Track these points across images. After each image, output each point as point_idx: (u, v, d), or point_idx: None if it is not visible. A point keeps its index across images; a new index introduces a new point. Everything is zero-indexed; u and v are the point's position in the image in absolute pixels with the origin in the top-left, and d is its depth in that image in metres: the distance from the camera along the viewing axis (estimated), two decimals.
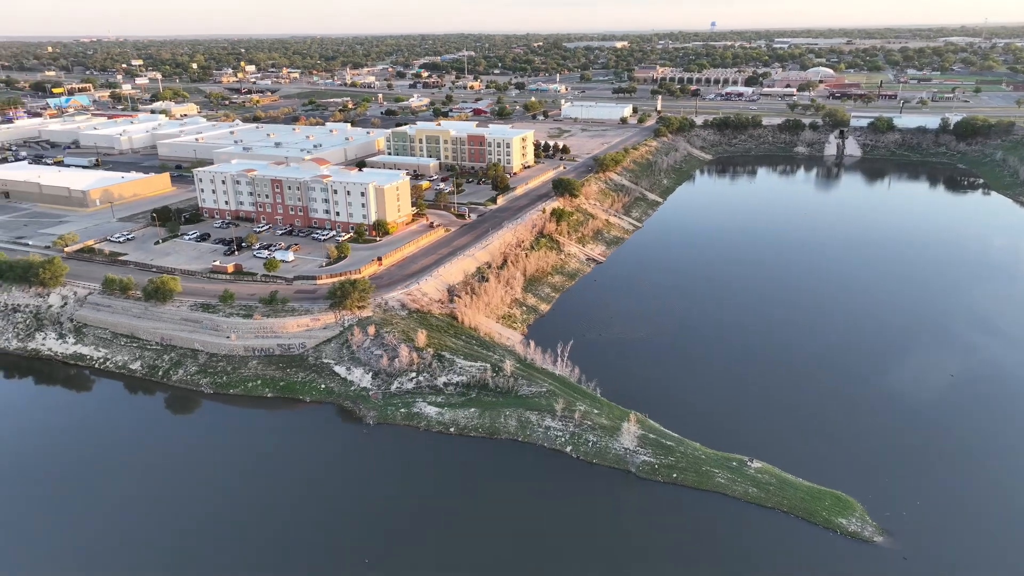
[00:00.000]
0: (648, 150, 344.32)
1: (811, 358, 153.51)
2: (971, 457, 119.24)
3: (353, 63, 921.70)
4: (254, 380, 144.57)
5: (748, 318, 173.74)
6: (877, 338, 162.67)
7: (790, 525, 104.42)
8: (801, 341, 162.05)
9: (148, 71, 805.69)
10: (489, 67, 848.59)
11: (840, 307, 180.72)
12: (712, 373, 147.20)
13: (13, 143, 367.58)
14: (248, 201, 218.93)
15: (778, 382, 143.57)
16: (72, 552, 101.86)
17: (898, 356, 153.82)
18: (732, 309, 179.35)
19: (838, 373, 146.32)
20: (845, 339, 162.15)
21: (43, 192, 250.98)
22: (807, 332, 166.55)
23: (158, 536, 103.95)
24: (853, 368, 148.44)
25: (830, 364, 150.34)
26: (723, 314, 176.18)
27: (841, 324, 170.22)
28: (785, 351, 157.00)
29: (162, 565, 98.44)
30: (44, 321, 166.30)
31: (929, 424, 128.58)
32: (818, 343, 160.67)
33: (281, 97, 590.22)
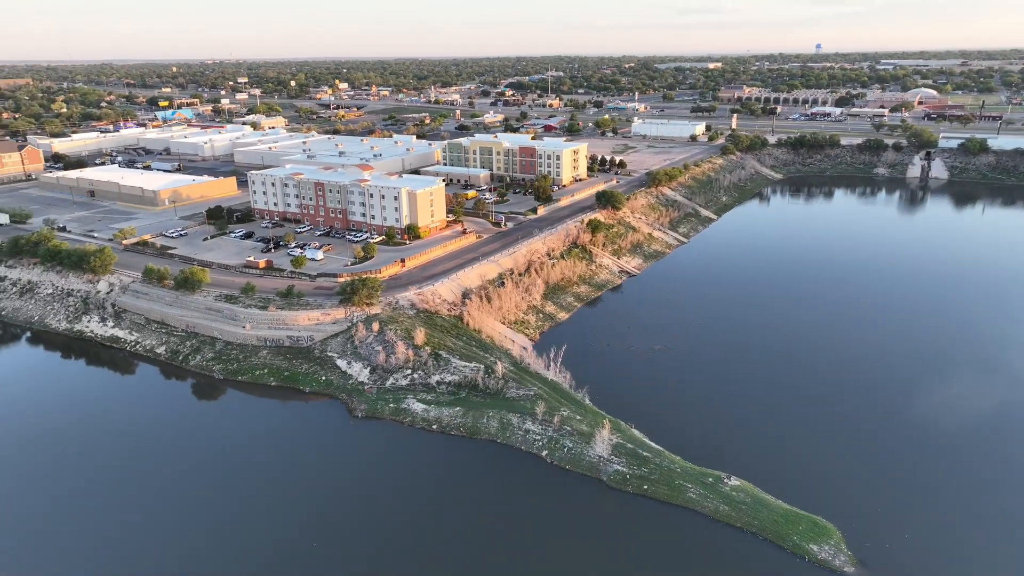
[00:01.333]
0: (711, 167, 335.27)
1: (823, 386, 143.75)
2: (976, 495, 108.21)
3: (443, 82, 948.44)
4: (261, 369, 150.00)
5: (768, 341, 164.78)
6: (901, 370, 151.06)
7: (756, 547, 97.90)
8: (818, 368, 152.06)
9: (251, 88, 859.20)
10: (574, 87, 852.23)
11: (879, 340, 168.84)
12: (713, 392, 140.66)
13: (115, 149, 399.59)
14: (294, 203, 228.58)
15: (781, 406, 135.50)
16: (63, 500, 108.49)
17: (920, 388, 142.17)
18: (753, 332, 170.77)
19: (849, 401, 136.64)
20: (867, 370, 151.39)
21: (122, 191, 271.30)
22: (826, 360, 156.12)
23: (135, 498, 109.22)
24: (868, 396, 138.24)
25: (844, 392, 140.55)
26: (742, 336, 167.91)
27: (869, 357, 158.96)
28: (797, 377, 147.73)
29: (132, 523, 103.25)
30: (91, 305, 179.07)
31: (937, 457, 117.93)
32: (837, 373, 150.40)
33: (366, 113, 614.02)
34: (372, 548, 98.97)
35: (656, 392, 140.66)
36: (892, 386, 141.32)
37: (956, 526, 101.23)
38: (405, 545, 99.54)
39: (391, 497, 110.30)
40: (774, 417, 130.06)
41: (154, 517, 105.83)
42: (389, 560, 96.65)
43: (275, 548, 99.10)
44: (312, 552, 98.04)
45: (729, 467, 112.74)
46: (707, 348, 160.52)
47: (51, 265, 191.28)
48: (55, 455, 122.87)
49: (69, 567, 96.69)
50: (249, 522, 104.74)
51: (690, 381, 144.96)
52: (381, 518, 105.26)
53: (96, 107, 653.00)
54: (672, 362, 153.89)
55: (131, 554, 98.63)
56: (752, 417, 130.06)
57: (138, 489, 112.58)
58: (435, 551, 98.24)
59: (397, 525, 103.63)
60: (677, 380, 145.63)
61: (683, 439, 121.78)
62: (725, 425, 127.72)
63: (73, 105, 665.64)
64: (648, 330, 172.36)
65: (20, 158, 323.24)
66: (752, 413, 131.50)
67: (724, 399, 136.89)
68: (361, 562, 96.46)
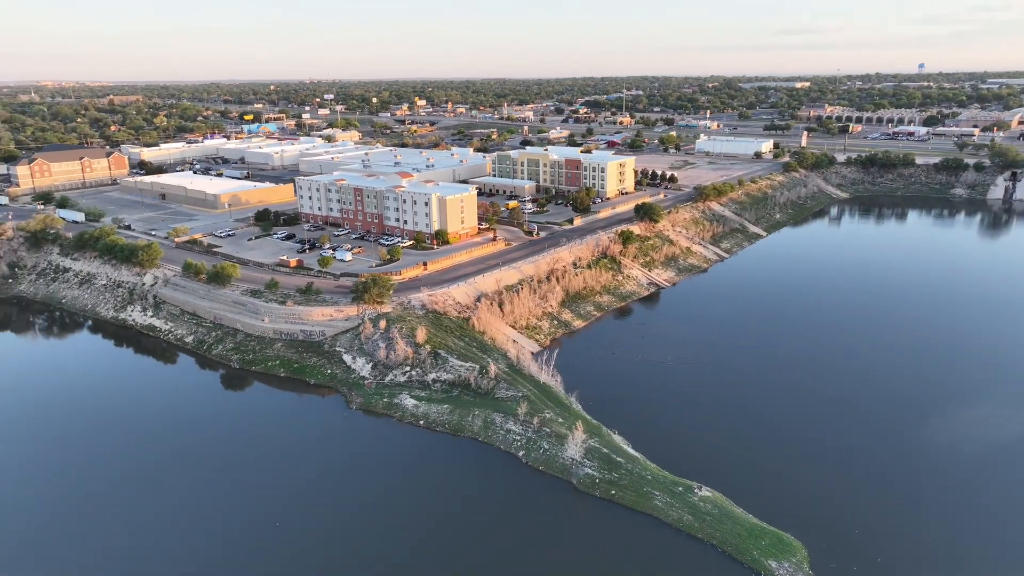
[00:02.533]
0: (768, 184, 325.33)
1: (827, 410, 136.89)
2: (961, 527, 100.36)
3: (520, 100, 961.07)
4: (273, 360, 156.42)
5: (784, 362, 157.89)
6: (924, 401, 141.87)
7: (714, 560, 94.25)
8: (829, 393, 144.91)
9: (335, 105, 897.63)
10: (650, 105, 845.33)
11: (909, 370, 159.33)
12: (710, 407, 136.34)
13: (196, 158, 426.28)
14: (336, 208, 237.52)
15: (778, 425, 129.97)
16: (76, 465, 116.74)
17: (935, 418, 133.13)
18: (771, 351, 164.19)
19: (852, 428, 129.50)
20: (881, 397, 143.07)
21: (188, 195, 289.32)
22: (841, 387, 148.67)
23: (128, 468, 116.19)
24: (873, 424, 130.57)
25: (847, 419, 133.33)
26: (756, 355, 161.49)
27: (893, 385, 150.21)
28: (802, 400, 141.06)
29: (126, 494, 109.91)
30: (135, 296, 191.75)
31: (927, 486, 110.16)
32: (850, 400, 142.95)
33: (438, 128, 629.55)
34: (331, 533, 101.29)
35: (651, 402, 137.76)
36: (904, 414, 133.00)
37: (933, 554, 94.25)
38: (364, 533, 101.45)
39: (364, 487, 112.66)
40: (767, 435, 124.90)
41: (147, 482, 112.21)
42: (344, 544, 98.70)
43: (244, 521, 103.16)
44: (275, 531, 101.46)
45: (709, 479, 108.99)
46: (717, 364, 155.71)
47: (108, 258, 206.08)
48: (74, 429, 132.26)
49: (82, 520, 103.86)
50: (226, 497, 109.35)
51: (689, 394, 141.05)
52: (348, 506, 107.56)
53: (192, 121, 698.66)
54: (677, 375, 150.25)
55: (122, 510, 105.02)
56: (744, 434, 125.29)
57: (139, 460, 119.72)
58: (392, 541, 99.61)
59: (362, 514, 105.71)
60: (676, 392, 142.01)
61: (666, 448, 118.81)
62: (713, 439, 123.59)
63: (173, 119, 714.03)
64: (661, 342, 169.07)
65: (107, 164, 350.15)
66: (745, 430, 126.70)
67: (719, 414, 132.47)
68: (314, 543, 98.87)
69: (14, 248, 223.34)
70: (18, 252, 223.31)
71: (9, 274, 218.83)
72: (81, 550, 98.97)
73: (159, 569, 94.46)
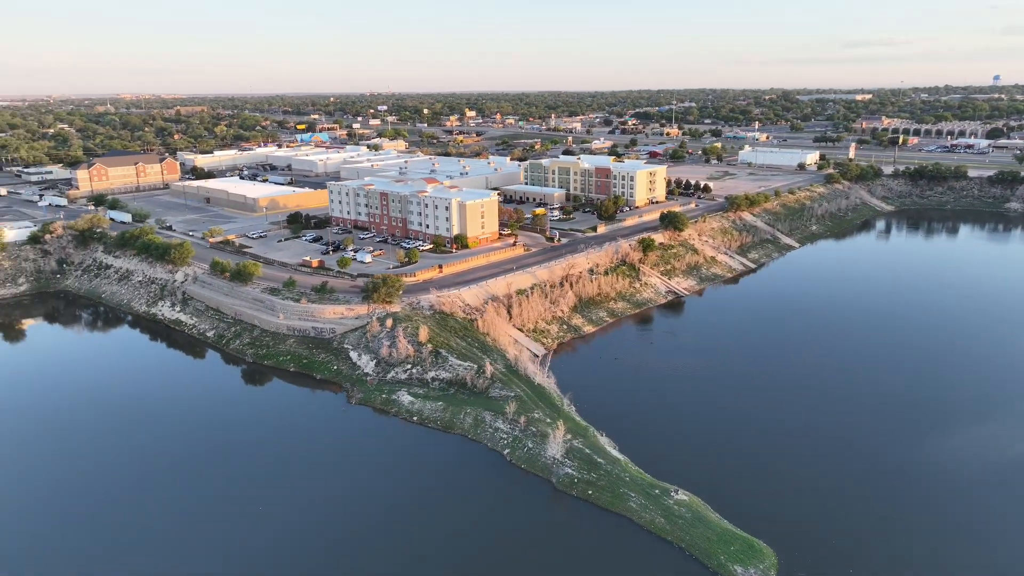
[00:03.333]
0: (807, 195, 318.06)
1: (821, 427, 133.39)
2: (941, 544, 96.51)
3: (571, 112, 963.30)
4: (285, 355, 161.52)
5: (787, 375, 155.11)
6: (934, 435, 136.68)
7: (680, 563, 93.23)
8: (831, 410, 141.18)
9: (388, 116, 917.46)
10: (701, 117, 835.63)
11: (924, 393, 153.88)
12: (704, 414, 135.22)
13: (246, 165, 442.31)
14: (364, 212, 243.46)
15: (771, 437, 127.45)
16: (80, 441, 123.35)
17: (932, 440, 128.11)
18: (776, 365, 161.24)
19: (847, 445, 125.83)
20: (885, 418, 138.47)
21: (229, 199, 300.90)
22: (849, 405, 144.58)
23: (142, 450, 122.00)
24: (871, 441, 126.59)
25: (845, 440, 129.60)
26: (762, 368, 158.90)
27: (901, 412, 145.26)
28: (801, 414, 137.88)
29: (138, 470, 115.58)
30: (166, 292, 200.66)
31: (918, 505, 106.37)
32: (852, 418, 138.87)
33: (484, 138, 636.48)
34: (305, 523, 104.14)
35: (646, 407, 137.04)
36: (907, 435, 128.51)
37: (908, 571, 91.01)
38: (340, 523, 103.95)
39: (349, 478, 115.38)
40: (759, 446, 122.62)
41: (148, 460, 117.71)
42: (318, 535, 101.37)
43: (228, 504, 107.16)
44: (257, 513, 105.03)
45: (691, 484, 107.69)
46: (720, 373, 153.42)
47: (144, 256, 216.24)
48: (92, 414, 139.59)
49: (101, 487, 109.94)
50: (215, 481, 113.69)
51: (685, 401, 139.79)
52: (328, 496, 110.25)
53: (251, 130, 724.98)
54: (677, 382, 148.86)
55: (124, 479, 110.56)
56: (735, 444, 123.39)
57: (142, 443, 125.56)
58: (366, 533, 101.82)
59: (340, 505, 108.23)
60: (672, 399, 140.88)
61: (653, 453, 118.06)
62: (702, 446, 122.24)
63: (232, 128, 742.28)
64: (668, 349, 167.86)
65: (160, 169, 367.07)
66: (737, 440, 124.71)
67: (713, 422, 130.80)
68: (287, 531, 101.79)
69: (63, 245, 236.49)
70: (66, 249, 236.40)
71: (57, 270, 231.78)
72: (94, 507, 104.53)
73: (137, 535, 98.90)
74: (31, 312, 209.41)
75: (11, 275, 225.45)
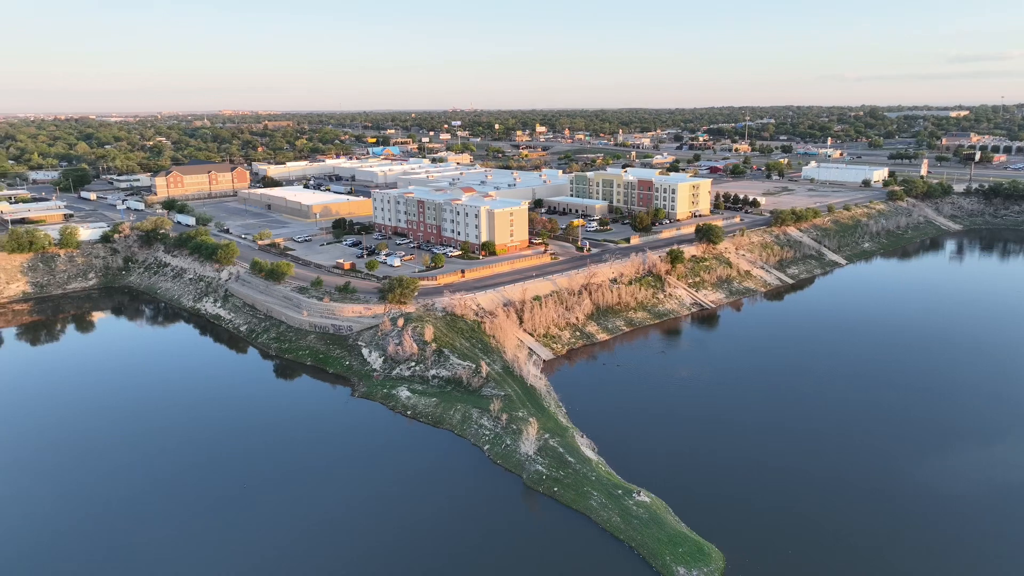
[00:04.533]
0: (864, 212, 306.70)
1: (809, 449, 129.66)
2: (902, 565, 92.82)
3: (643, 128, 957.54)
4: (304, 350, 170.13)
5: (791, 392, 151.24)
6: None
7: (624, 561, 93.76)
8: (821, 427, 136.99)
9: (461, 131, 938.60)
10: (777, 133, 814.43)
11: None
12: (693, 423, 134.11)
13: (314, 175, 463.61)
14: (403, 219, 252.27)
15: (754, 452, 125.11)
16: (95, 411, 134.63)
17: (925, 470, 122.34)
18: (783, 381, 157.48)
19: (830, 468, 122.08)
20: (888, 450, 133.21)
21: (287, 205, 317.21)
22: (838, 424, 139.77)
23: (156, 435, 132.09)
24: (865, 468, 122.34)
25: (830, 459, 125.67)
26: (766, 383, 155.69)
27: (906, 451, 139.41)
28: (795, 429, 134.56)
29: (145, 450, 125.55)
30: (210, 289, 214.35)
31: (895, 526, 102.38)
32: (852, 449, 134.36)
33: (550, 153, 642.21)
34: (281, 503, 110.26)
35: (636, 412, 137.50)
36: (900, 473, 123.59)
37: None
38: (314, 501, 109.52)
39: (332, 465, 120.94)
40: (738, 457, 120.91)
41: (161, 435, 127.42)
42: (293, 516, 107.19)
43: (216, 474, 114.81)
44: (242, 491, 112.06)
45: (661, 487, 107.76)
46: (721, 385, 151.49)
47: (196, 256, 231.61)
48: (124, 396, 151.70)
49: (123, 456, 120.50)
50: (210, 461, 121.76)
51: (677, 410, 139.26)
52: (309, 481, 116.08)
53: (330, 144, 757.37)
54: (673, 390, 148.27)
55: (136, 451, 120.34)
56: (715, 452, 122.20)
57: (157, 422, 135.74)
58: (336, 516, 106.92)
59: (319, 490, 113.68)
60: (665, 406, 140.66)
61: (631, 456, 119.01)
62: (682, 452, 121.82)
63: (312, 142, 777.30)
64: (677, 359, 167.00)
65: (231, 177, 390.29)
66: (721, 451, 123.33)
67: (700, 432, 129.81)
68: (266, 509, 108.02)
69: (129, 245, 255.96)
70: (132, 248, 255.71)
71: (123, 267, 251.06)
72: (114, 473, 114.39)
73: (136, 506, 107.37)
74: (98, 305, 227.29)
75: (83, 270, 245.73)
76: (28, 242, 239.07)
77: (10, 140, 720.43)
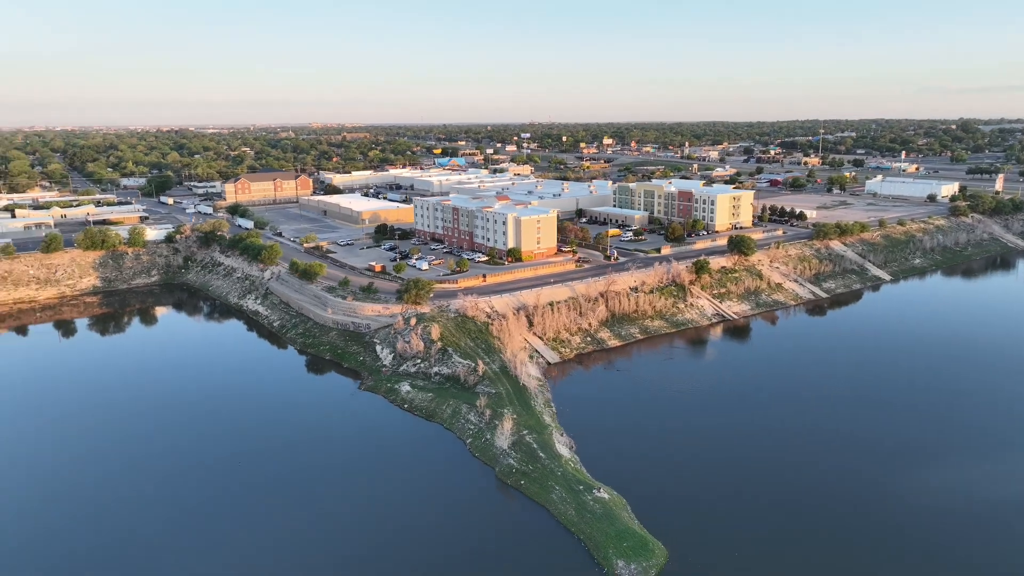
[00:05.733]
0: (920, 227, 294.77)
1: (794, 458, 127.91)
2: None
3: (715, 140, 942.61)
4: (325, 345, 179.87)
5: (790, 411, 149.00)
6: None
7: (569, 552, 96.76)
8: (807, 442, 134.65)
9: (529, 143, 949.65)
10: (855, 147, 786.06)
11: None
12: (678, 430, 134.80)
13: (376, 184, 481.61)
14: (441, 225, 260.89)
15: (732, 458, 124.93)
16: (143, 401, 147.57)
17: None
18: (785, 398, 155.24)
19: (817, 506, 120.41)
20: None
21: (340, 211, 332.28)
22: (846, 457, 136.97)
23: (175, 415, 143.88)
24: None
25: None
26: (767, 398, 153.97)
27: None
28: (780, 441, 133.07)
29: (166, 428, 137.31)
30: (253, 287, 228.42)
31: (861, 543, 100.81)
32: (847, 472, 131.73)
33: (613, 165, 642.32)
34: (268, 475, 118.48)
35: (621, 414, 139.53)
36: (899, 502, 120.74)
37: None
38: (298, 483, 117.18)
39: (327, 447, 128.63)
40: (714, 463, 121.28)
41: (176, 418, 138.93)
42: (276, 491, 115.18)
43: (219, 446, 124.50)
44: (235, 468, 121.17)
45: (625, 486, 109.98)
46: (720, 396, 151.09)
47: (245, 256, 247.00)
48: (163, 379, 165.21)
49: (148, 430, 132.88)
50: (216, 435, 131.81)
51: (664, 414, 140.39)
52: (300, 461, 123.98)
53: (401, 155, 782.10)
54: (669, 398, 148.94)
55: None
56: (691, 458, 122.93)
57: (179, 405, 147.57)
58: (313, 496, 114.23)
59: (307, 469, 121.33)
60: (654, 410, 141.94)
61: (607, 455, 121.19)
62: (659, 455, 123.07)
63: (385, 153, 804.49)
64: (682, 368, 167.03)
65: (295, 184, 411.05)
66: (696, 454, 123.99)
67: (680, 435, 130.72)
68: (252, 482, 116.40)
69: (189, 245, 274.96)
70: (191, 248, 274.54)
71: (183, 265, 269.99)
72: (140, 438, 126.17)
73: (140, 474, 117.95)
74: (157, 300, 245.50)
75: (147, 268, 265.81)
76: (100, 240, 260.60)
77: (112, 150, 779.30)
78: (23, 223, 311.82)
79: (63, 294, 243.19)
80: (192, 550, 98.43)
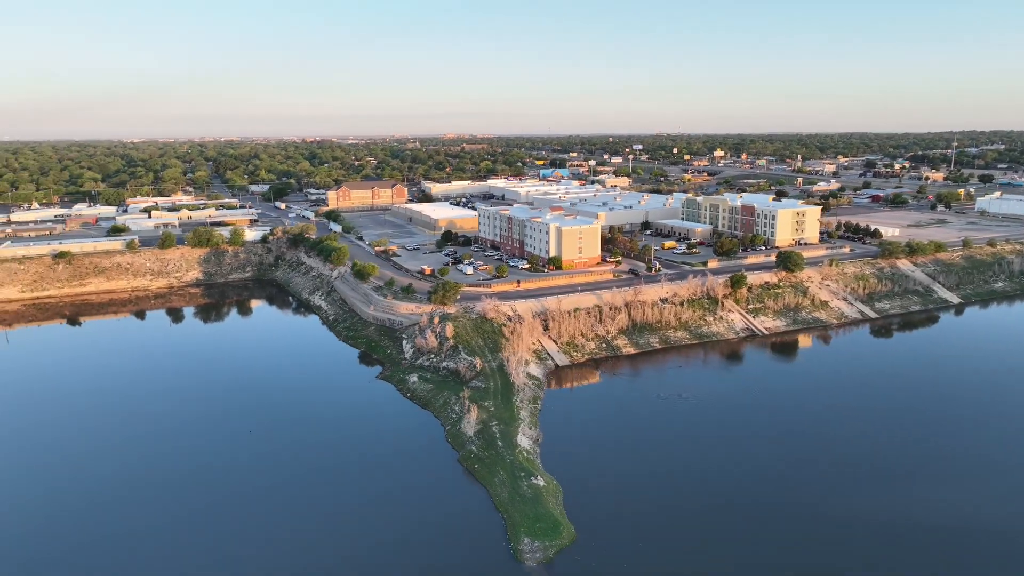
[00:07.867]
0: (1013, 248, 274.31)
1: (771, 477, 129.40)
2: None
3: (838, 152, 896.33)
4: (362, 338, 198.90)
5: (789, 435, 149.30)
6: None
7: (488, 530, 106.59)
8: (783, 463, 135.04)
9: (641, 155, 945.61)
10: (997, 160, 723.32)
11: None
12: (661, 441, 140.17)
13: (471, 193, 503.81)
14: (499, 233, 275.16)
15: (683, 471, 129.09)
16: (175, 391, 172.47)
17: None
18: (787, 416, 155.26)
19: None
20: None
21: (422, 218, 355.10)
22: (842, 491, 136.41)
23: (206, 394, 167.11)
24: None
25: None
26: (767, 416, 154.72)
27: None
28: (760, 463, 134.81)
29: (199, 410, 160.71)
30: (322, 284, 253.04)
31: None
32: None
33: (716, 178, 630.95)
34: (270, 447, 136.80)
35: (603, 418, 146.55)
36: None
37: None
38: (290, 452, 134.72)
39: (325, 425, 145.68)
40: (678, 473, 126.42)
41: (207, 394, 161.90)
42: (270, 459, 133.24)
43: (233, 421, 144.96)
44: (246, 435, 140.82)
45: (571, 480, 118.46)
46: (718, 407, 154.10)
47: (320, 257, 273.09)
48: (222, 362, 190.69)
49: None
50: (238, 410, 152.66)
51: (643, 420, 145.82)
52: (298, 435, 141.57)
53: (510, 166, 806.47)
54: (656, 405, 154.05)
55: None
56: (649, 461, 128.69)
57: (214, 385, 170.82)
58: (299, 467, 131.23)
59: (302, 445, 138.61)
60: (636, 415, 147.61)
61: (567, 451, 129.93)
62: (622, 453, 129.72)
63: (497, 163, 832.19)
64: (686, 379, 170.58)
65: (391, 193, 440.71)
66: (657, 462, 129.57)
67: (654, 444, 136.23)
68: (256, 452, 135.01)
69: (280, 245, 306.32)
70: (282, 248, 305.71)
71: (273, 264, 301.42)
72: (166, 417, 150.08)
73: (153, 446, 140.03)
74: (250, 294, 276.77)
75: (242, 264, 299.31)
76: (206, 239, 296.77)
77: (254, 159, 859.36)
78: (154, 223, 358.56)
79: (171, 285, 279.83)
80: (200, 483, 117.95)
